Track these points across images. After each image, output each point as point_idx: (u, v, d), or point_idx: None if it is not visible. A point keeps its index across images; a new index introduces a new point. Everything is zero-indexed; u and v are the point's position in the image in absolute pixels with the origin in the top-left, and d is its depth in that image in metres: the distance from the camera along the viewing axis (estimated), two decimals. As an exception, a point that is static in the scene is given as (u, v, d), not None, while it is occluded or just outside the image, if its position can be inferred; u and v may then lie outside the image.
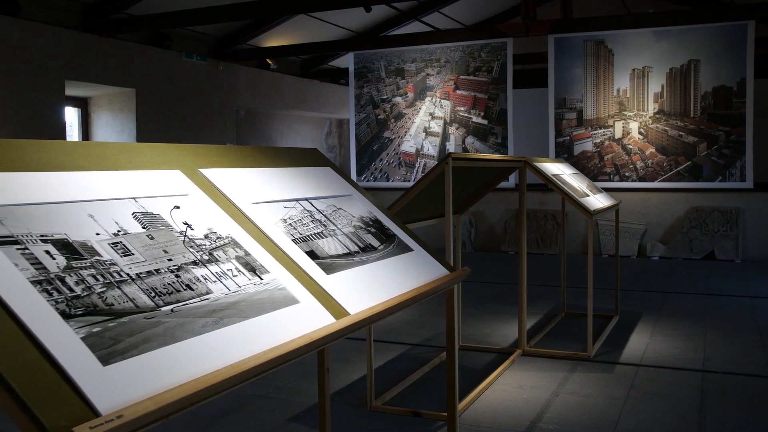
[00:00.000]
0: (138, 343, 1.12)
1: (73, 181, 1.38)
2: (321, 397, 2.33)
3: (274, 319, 1.40)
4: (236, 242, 1.55)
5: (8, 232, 1.15)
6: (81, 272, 1.17)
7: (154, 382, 1.07)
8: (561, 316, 6.11)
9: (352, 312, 1.60)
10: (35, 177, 1.32)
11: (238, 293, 1.40)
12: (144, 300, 1.21)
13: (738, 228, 9.34)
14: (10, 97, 8.35)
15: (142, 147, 1.66)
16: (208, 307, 1.30)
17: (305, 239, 1.76)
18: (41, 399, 0.93)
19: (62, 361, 0.99)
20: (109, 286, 1.19)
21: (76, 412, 0.95)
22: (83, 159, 1.47)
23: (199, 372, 1.14)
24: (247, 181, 1.84)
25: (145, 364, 1.09)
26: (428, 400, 3.98)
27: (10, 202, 1.21)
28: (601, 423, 3.59)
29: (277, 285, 1.51)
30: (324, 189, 2.10)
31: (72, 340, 1.04)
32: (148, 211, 1.44)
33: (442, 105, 11.12)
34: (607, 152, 10.08)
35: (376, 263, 1.91)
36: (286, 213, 1.82)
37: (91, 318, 1.10)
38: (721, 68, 9.49)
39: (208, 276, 1.38)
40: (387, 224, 2.18)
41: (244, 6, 9.17)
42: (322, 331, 1.43)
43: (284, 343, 1.32)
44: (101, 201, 1.37)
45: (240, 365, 1.18)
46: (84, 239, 1.25)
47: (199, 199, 1.61)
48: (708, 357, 4.76)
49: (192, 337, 1.21)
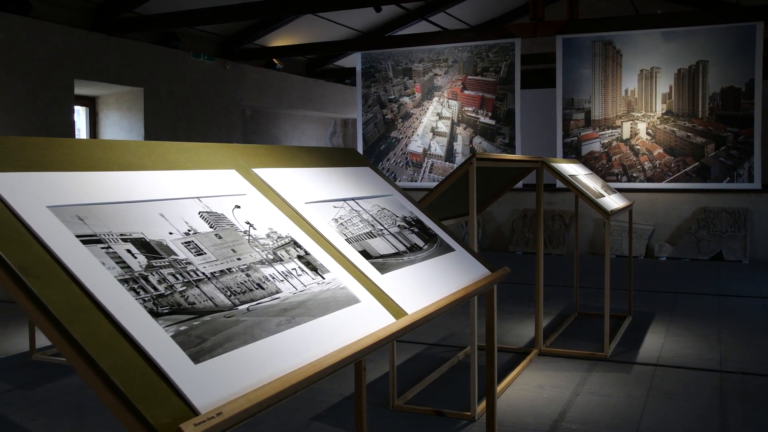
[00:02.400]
0: (222, 341, 1.13)
1: (141, 181, 1.39)
2: (357, 396, 2.34)
3: (339, 318, 1.41)
4: (296, 242, 1.56)
5: (91, 231, 1.16)
6: (161, 271, 1.18)
7: (242, 380, 1.08)
8: (574, 316, 6.12)
9: (408, 311, 1.61)
10: (106, 177, 1.33)
11: (305, 292, 1.41)
12: (221, 299, 1.23)
13: (746, 229, 9.36)
14: (21, 96, 8.35)
15: (198, 147, 1.67)
16: (279, 306, 1.31)
17: (357, 239, 1.78)
18: (144, 397, 0.94)
19: (159, 360, 1.00)
20: (188, 285, 1.20)
21: (175, 410, 0.96)
22: (147, 159, 1.48)
23: (281, 370, 1.15)
24: (297, 181, 1.85)
25: (231, 362, 1.10)
26: (449, 400, 3.99)
27: (89, 201, 1.22)
28: (623, 422, 3.61)
29: (338, 284, 1.52)
30: (367, 189, 2.11)
31: (164, 339, 1.05)
32: (212, 211, 1.45)
33: (450, 105, 11.13)
34: (614, 153, 10.10)
35: (423, 263, 1.92)
36: (336, 213, 1.83)
37: (177, 317, 1.11)
38: (729, 69, 9.51)
39: (275, 275, 1.39)
40: (428, 224, 2.19)
41: (252, 5, 9.18)
42: (386, 330, 1.44)
43: (355, 341, 1.33)
44: (169, 200, 1.38)
45: (319, 363, 1.19)
46: (159, 238, 1.26)
47: (257, 198, 1.62)
48: (724, 357, 4.77)
49: (269, 335, 1.22)
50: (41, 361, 4.75)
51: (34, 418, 3.72)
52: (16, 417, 3.72)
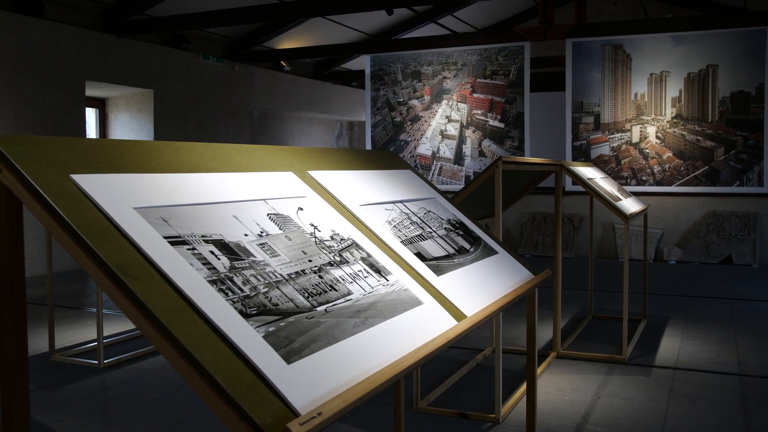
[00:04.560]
0: (308, 342, 1.14)
1: (212, 183, 1.40)
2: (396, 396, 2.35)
3: (407, 319, 1.42)
4: (357, 244, 1.57)
5: (176, 232, 1.17)
6: (244, 272, 1.20)
7: (331, 380, 1.09)
8: (589, 319, 6.13)
9: (467, 313, 1.62)
10: (181, 179, 1.34)
11: (373, 294, 1.42)
12: (301, 300, 1.24)
13: (755, 233, 9.37)
14: (32, 97, 8.37)
15: (255, 149, 1.69)
16: (353, 307, 1.32)
17: (411, 241, 1.79)
18: (245, 397, 0.95)
19: (256, 360, 1.01)
20: (269, 286, 1.21)
21: (275, 410, 0.97)
22: (212, 161, 1.49)
23: (363, 370, 1.16)
24: (349, 184, 1.86)
25: (319, 362, 1.11)
26: (472, 401, 4.00)
27: (170, 203, 1.23)
28: (647, 425, 3.61)
29: (401, 286, 1.53)
30: (412, 192, 2.13)
31: (257, 340, 1.06)
32: (279, 213, 1.46)
33: (459, 108, 11.15)
34: (624, 156, 10.12)
35: (471, 265, 1.93)
36: (389, 215, 1.84)
37: (265, 318, 1.12)
38: (739, 73, 9.53)
39: (345, 277, 1.40)
40: (471, 227, 2.20)
41: (261, 8, 9.20)
42: (451, 332, 1.46)
43: (426, 343, 1.35)
44: (240, 202, 1.39)
45: (399, 364, 1.21)
46: (237, 240, 1.27)
47: (316, 201, 1.64)
48: (742, 361, 4.78)
49: (348, 336, 1.23)
50: (61, 362, 4.76)
51: (59, 419, 3.72)
52: (42, 418, 3.73)
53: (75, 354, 4.93)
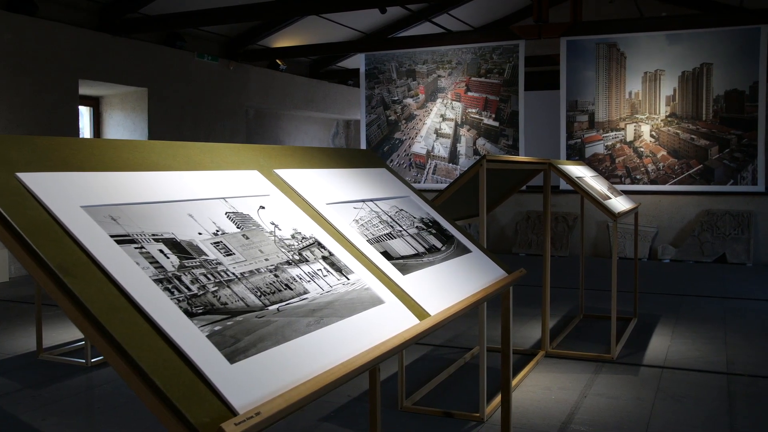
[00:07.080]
0: (255, 341, 1.13)
1: (169, 181, 1.39)
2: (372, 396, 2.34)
3: (365, 318, 1.41)
4: (320, 243, 1.56)
5: (124, 231, 1.17)
6: (193, 271, 1.19)
7: (277, 380, 1.08)
8: (579, 317, 6.12)
9: (431, 312, 1.62)
10: (135, 177, 1.33)
11: (331, 293, 1.41)
12: (252, 299, 1.23)
13: (749, 231, 9.37)
14: (27, 95, 8.36)
15: (221, 147, 1.68)
16: (307, 306, 1.32)
17: (378, 240, 1.78)
18: (183, 397, 0.94)
19: (196, 360, 1.00)
20: (220, 285, 1.20)
21: (214, 410, 0.96)
22: (172, 159, 1.49)
23: (313, 370, 1.16)
24: (317, 182, 1.85)
25: (265, 362, 1.11)
26: (458, 400, 3.99)
27: (120, 201, 1.23)
28: (632, 424, 3.61)
29: (362, 285, 1.52)
30: (384, 190, 2.12)
31: (199, 339, 1.05)
32: (238, 211, 1.45)
33: (454, 107, 11.14)
34: (618, 155, 10.11)
35: (442, 264, 1.93)
36: (357, 214, 1.83)
37: (211, 317, 1.12)
38: (733, 72, 9.52)
39: (302, 276, 1.40)
40: (445, 226, 2.20)
41: (256, 7, 9.19)
42: (410, 331, 1.45)
43: (382, 342, 1.34)
44: (197, 201, 1.39)
45: (350, 363, 1.20)
46: (189, 238, 1.27)
47: (280, 199, 1.63)
48: (731, 360, 4.78)
49: (299, 336, 1.22)
50: (48, 361, 4.76)
51: (44, 418, 3.72)
52: (26, 416, 3.72)
53: (62, 353, 4.93)
